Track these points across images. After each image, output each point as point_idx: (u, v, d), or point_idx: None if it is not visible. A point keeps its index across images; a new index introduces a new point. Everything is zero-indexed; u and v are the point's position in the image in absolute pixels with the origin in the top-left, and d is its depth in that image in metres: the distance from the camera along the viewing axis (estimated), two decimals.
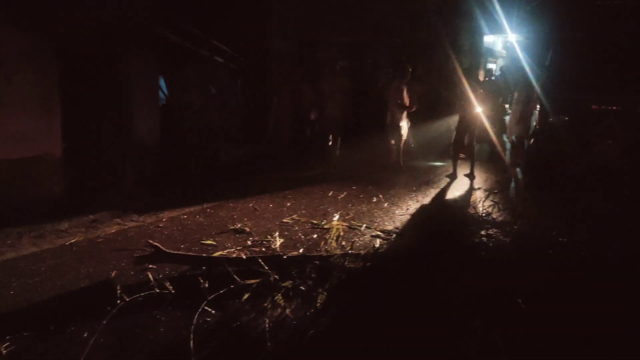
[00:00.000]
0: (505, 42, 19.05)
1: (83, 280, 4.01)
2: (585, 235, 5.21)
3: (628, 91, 7.70)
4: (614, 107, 7.77)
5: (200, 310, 3.41)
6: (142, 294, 3.61)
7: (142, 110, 7.06)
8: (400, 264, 4.36)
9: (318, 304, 3.55)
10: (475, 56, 16.72)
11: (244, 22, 8.89)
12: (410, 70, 8.66)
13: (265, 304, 3.54)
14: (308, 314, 3.44)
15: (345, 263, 4.16)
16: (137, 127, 6.99)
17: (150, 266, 4.18)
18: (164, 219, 5.70)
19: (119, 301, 3.47)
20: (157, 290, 3.68)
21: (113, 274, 4.11)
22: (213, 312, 3.42)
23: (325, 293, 3.69)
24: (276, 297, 3.63)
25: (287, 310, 3.47)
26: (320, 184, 7.55)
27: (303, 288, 3.77)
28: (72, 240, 4.94)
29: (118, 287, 3.62)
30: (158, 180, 7.08)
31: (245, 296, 3.62)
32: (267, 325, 3.27)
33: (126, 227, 5.43)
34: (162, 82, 8.01)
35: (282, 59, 9.91)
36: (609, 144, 7.63)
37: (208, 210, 6.10)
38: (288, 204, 6.40)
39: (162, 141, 7.41)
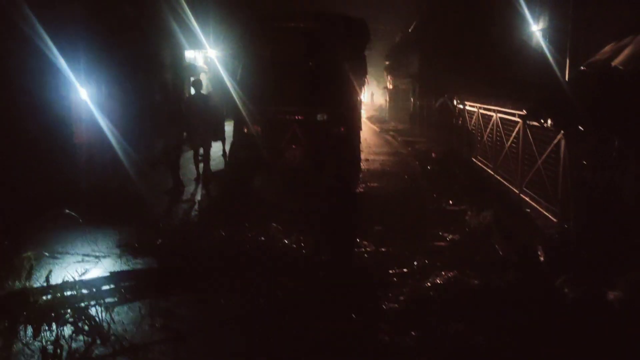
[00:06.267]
0: (206, 57, 19.89)
1: None
2: None
3: (308, 103, 8.81)
4: (298, 117, 8.81)
5: None
6: None
7: None
8: None
9: None
10: (178, 70, 16.95)
11: None
12: None
13: None
14: None
15: None
16: None
17: None
18: None
19: None
20: None
21: None
22: None
23: None
24: None
25: None
26: None
27: None
28: None
29: None
30: None
31: None
32: None
33: None
34: None
35: None
36: (294, 148, 8.65)
37: None
38: None
39: None
